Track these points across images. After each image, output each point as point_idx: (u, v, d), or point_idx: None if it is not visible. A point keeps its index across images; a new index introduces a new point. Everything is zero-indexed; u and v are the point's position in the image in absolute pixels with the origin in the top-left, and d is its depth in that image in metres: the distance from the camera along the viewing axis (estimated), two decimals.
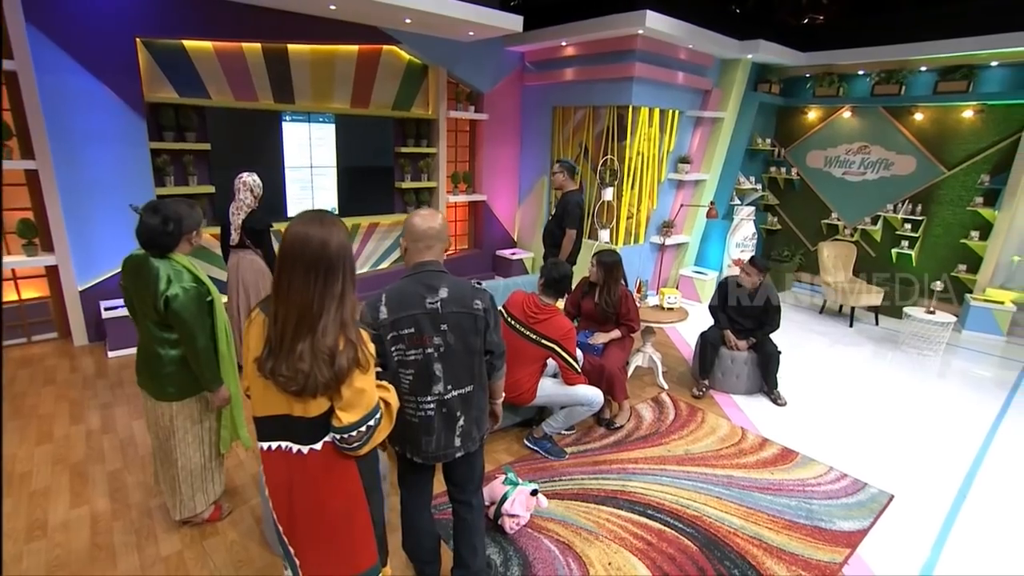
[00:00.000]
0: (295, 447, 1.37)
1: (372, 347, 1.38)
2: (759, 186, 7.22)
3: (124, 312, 4.23)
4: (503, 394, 2.07)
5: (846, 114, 6.73)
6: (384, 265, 6.40)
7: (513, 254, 7.05)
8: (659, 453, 3.28)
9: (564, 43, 6.05)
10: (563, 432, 3.39)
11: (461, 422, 1.83)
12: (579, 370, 3.00)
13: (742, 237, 6.47)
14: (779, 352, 4.02)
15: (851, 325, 5.89)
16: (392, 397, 1.49)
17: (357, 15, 4.93)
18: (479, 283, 1.84)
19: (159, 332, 2.09)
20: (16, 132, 4.08)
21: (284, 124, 5.16)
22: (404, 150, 6.09)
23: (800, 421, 3.79)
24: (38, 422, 3.31)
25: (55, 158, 4.08)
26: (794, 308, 6.50)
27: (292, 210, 5.38)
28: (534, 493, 2.49)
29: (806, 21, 7.09)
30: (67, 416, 3.39)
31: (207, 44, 4.66)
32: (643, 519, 2.66)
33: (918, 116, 6.21)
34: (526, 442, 3.23)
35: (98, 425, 3.29)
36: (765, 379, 4.06)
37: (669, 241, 6.49)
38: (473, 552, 2.03)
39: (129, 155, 4.36)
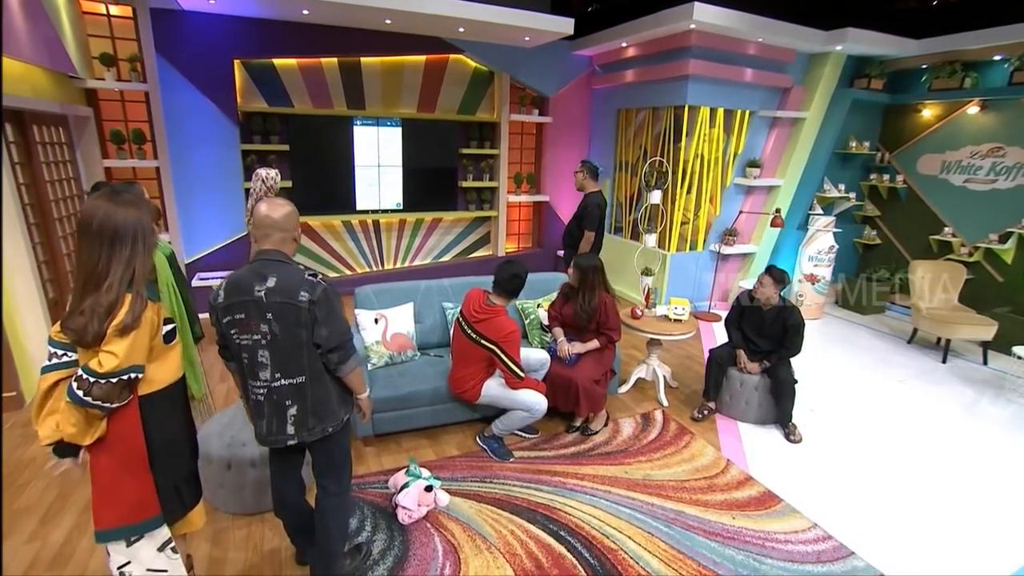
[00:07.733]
0: None
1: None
2: (852, 195, 5.93)
3: (211, 282, 4.86)
4: (365, 389, 1.92)
5: (972, 110, 5.20)
6: (446, 258, 6.49)
7: None
8: (613, 473, 2.85)
9: (624, 44, 5.55)
10: (523, 435, 3.11)
11: (293, 411, 1.74)
12: (520, 375, 2.71)
13: (817, 250, 5.39)
14: (795, 381, 3.26)
15: (944, 360, 4.58)
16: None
17: (413, 27, 5.01)
18: (314, 275, 1.71)
19: None
20: (150, 138, 4.86)
21: (355, 128, 5.45)
22: (467, 151, 6.08)
23: (809, 464, 3.03)
24: None
25: (171, 158, 4.77)
26: (878, 334, 5.25)
27: (361, 204, 5.68)
28: (428, 489, 2.31)
29: (935, 2, 5.64)
30: None
31: (292, 61, 5.09)
32: (550, 539, 2.33)
33: None
34: (477, 439, 3.03)
35: None
36: (777, 409, 3.33)
37: (732, 250, 5.65)
38: (325, 535, 1.93)
39: (224, 155, 4.95)
